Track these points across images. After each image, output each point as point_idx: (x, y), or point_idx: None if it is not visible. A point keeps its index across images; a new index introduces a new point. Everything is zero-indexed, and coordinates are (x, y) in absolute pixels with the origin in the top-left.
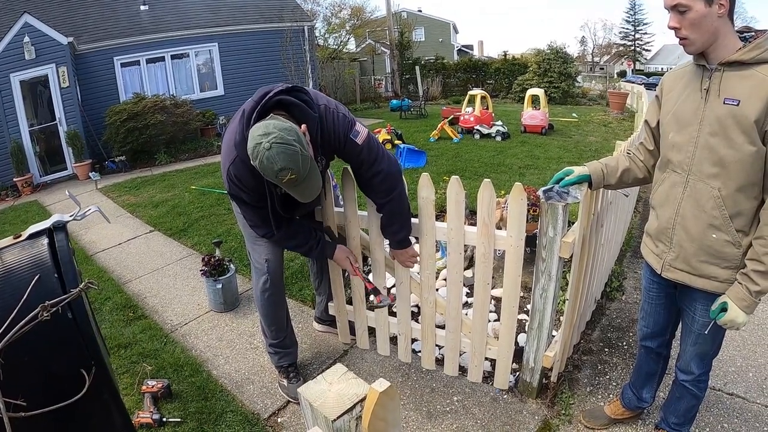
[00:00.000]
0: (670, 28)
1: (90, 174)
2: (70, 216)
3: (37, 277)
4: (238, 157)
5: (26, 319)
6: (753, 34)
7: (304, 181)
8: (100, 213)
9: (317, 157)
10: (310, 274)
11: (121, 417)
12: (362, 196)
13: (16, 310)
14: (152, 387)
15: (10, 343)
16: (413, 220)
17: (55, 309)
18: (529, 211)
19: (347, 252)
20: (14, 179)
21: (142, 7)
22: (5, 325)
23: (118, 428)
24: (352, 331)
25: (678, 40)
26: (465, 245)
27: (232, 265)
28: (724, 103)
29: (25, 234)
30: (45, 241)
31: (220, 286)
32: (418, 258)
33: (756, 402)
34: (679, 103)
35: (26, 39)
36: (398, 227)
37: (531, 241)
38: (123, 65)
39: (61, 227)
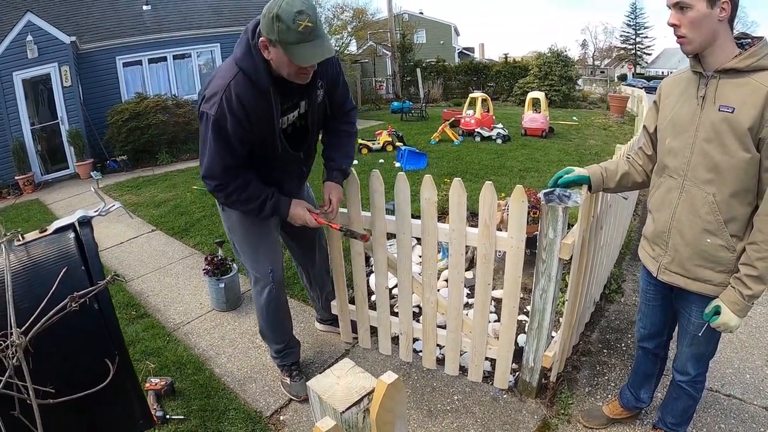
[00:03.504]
0: (670, 25)
1: (91, 173)
2: (95, 211)
3: (65, 269)
4: (241, 72)
5: (55, 309)
6: (750, 41)
7: (319, 35)
8: (123, 209)
9: (317, 82)
10: (303, 284)
11: (141, 406)
12: (366, 197)
13: (45, 301)
14: (155, 385)
15: (40, 332)
16: (416, 221)
17: (82, 300)
18: (529, 213)
19: (303, 204)
20: (16, 177)
21: (145, 7)
22: (35, 314)
23: (137, 417)
24: (354, 330)
25: (676, 38)
26: (466, 246)
27: (234, 265)
28: (719, 110)
29: (51, 228)
30: (71, 235)
31: (222, 285)
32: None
33: (753, 403)
34: (676, 109)
35: (29, 38)
36: (351, 159)
37: (531, 243)
38: (125, 65)
39: (86, 222)
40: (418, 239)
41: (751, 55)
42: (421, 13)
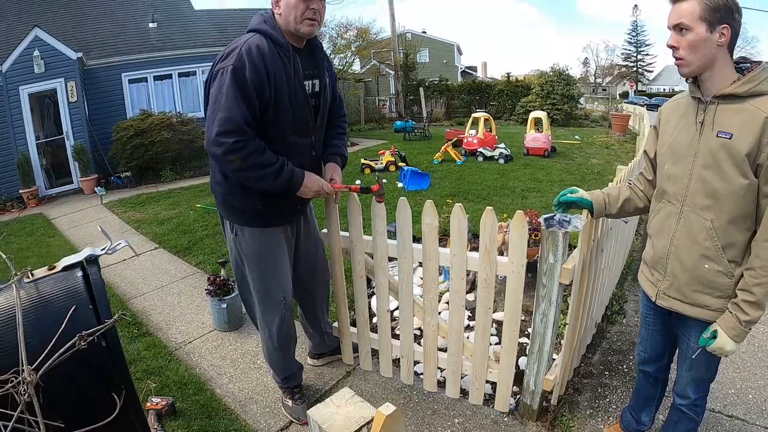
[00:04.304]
0: (669, 46)
1: (95, 189)
2: (102, 250)
3: (73, 307)
4: (257, 33)
5: (65, 347)
6: (749, 65)
7: None
8: (129, 247)
9: (325, 64)
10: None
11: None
12: (368, 218)
13: (54, 339)
14: (156, 404)
15: (50, 369)
16: (417, 245)
17: (91, 338)
18: (531, 235)
19: (317, 176)
20: (20, 191)
21: (151, 25)
22: (45, 352)
23: None
24: (356, 352)
25: (674, 60)
26: (467, 270)
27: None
28: (717, 136)
29: (60, 266)
30: (79, 273)
31: (224, 305)
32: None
33: (756, 424)
34: (675, 135)
35: (36, 53)
36: (346, 150)
37: (532, 268)
38: (131, 81)
39: (93, 260)
40: (420, 263)
41: (750, 80)
42: (425, 32)
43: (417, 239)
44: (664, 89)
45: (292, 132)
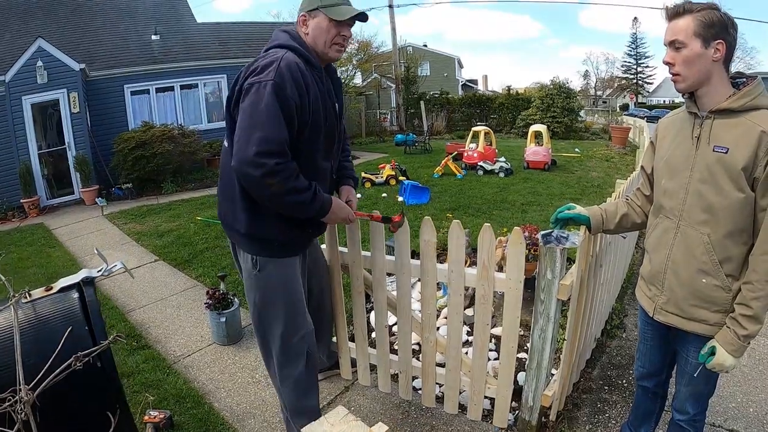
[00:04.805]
0: (665, 63)
1: (96, 200)
2: (98, 272)
3: (69, 328)
4: (289, 50)
5: (61, 368)
6: (744, 80)
7: (350, 2)
8: (124, 269)
9: (342, 89)
10: None
11: None
12: (367, 234)
13: (51, 359)
14: (154, 417)
15: (46, 388)
16: (416, 261)
17: (86, 359)
18: (530, 250)
19: (342, 202)
20: (21, 200)
21: (154, 37)
22: (42, 372)
23: None
24: (354, 367)
25: (671, 76)
26: (465, 286)
27: (236, 299)
28: (713, 150)
29: (56, 287)
30: (76, 295)
31: (223, 319)
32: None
33: None
34: (672, 150)
35: (39, 63)
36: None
37: (531, 283)
38: (133, 93)
39: (89, 282)
40: (419, 279)
41: (745, 94)
42: (425, 45)
43: (416, 254)
44: (664, 101)
45: (321, 154)
